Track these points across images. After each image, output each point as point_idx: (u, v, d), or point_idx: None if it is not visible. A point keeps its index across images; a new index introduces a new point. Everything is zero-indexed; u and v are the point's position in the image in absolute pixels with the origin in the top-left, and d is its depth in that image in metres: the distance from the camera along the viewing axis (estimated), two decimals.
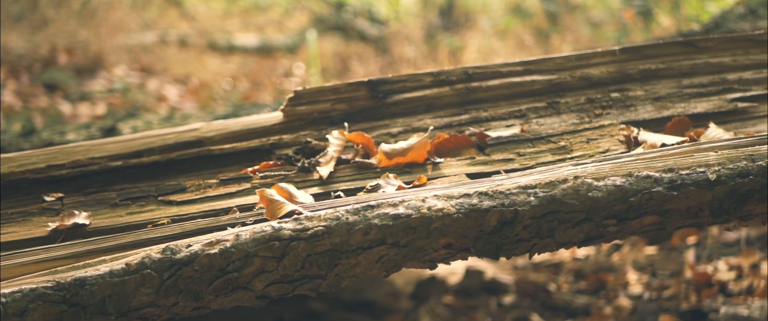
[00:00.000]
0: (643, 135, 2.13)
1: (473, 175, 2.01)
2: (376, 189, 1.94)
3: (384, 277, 1.81)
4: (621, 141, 2.14)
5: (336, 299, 3.87)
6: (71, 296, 1.61)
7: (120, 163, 2.15)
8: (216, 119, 3.15)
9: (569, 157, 2.08)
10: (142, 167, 2.16)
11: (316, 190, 2.00)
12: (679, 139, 2.09)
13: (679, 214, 1.81)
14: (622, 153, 2.02)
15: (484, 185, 1.77)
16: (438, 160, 2.09)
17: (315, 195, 1.96)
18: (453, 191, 1.75)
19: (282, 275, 1.68)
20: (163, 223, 1.91)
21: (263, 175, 2.08)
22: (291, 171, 2.09)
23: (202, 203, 1.99)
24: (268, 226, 1.67)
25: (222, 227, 1.80)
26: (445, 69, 2.31)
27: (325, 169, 2.05)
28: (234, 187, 2.04)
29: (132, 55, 7.84)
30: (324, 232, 1.67)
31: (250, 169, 2.11)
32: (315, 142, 2.18)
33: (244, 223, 1.81)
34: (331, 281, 1.74)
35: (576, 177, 1.76)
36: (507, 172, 1.99)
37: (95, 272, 1.63)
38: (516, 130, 2.19)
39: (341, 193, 1.95)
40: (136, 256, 1.65)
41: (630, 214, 1.78)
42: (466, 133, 2.20)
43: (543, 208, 1.73)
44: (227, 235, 1.68)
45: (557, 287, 4.06)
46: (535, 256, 4.37)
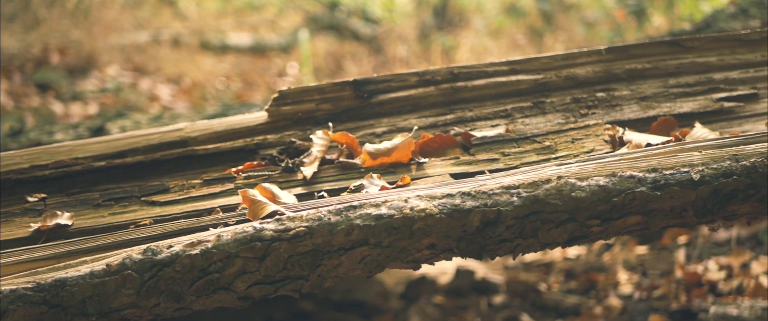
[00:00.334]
0: (629, 135, 2.13)
1: (457, 175, 2.00)
2: (359, 189, 1.94)
3: (367, 277, 1.81)
4: (606, 141, 2.14)
5: (326, 299, 3.87)
6: (52, 297, 1.60)
7: (104, 163, 2.15)
8: (205, 119, 3.14)
9: (554, 157, 2.08)
10: (125, 167, 2.15)
11: (299, 191, 1.99)
12: (665, 138, 2.08)
13: (664, 214, 1.80)
14: (606, 153, 2.02)
15: (467, 185, 1.77)
16: (422, 160, 2.08)
17: (298, 195, 1.95)
18: (436, 191, 1.74)
19: (264, 276, 1.68)
20: (146, 224, 1.90)
21: (247, 175, 2.07)
22: (275, 171, 2.08)
23: (185, 204, 1.99)
24: (249, 227, 1.67)
25: (204, 228, 1.79)
26: (431, 69, 2.31)
27: (309, 170, 2.05)
28: (217, 188, 2.03)
29: (125, 55, 7.83)
30: (306, 233, 1.67)
31: (234, 169, 2.11)
32: (299, 142, 2.17)
33: (226, 224, 1.80)
34: (314, 282, 1.73)
35: (559, 177, 1.75)
36: (491, 173, 1.99)
37: (76, 273, 1.62)
38: (501, 130, 2.19)
39: (325, 194, 1.94)
40: (116, 257, 1.64)
41: (614, 214, 1.77)
42: (451, 133, 2.20)
43: (526, 209, 1.73)
44: (209, 235, 1.67)
45: (548, 287, 4.06)
46: (527, 256, 4.38)
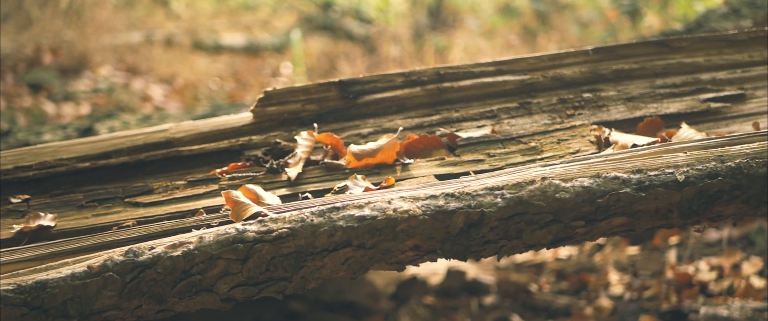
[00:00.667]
0: (615, 135, 2.12)
1: (442, 176, 1.99)
2: (343, 190, 1.93)
3: (351, 278, 1.80)
4: (592, 142, 2.13)
5: (316, 300, 3.86)
6: (32, 299, 1.59)
7: (88, 164, 2.14)
8: (194, 120, 3.14)
9: (539, 158, 2.07)
10: (110, 168, 2.14)
11: (284, 192, 1.98)
12: (651, 139, 2.07)
13: (649, 216, 1.80)
14: (591, 154, 2.01)
15: (451, 186, 1.76)
16: (407, 161, 2.07)
17: (283, 196, 1.94)
18: (420, 193, 1.73)
19: (247, 277, 1.67)
20: (129, 225, 1.89)
21: (231, 176, 2.06)
22: (260, 172, 2.07)
23: (168, 205, 1.98)
24: (232, 228, 1.66)
25: (187, 229, 1.78)
26: (417, 69, 2.30)
27: (294, 171, 2.04)
28: (202, 189, 2.02)
29: (117, 55, 7.81)
30: (288, 234, 1.66)
31: (218, 170, 2.10)
32: (284, 143, 2.16)
33: (209, 225, 1.79)
34: (297, 283, 1.73)
35: (543, 178, 1.74)
36: (476, 173, 1.98)
37: (57, 275, 1.61)
38: (487, 130, 2.18)
39: (309, 195, 1.94)
40: (98, 259, 1.64)
41: (598, 216, 1.76)
42: (436, 133, 2.19)
43: (510, 210, 1.72)
44: (191, 237, 1.66)
45: (538, 288, 4.06)
46: (518, 256, 4.38)
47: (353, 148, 2.07)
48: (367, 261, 1.73)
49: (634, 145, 2.03)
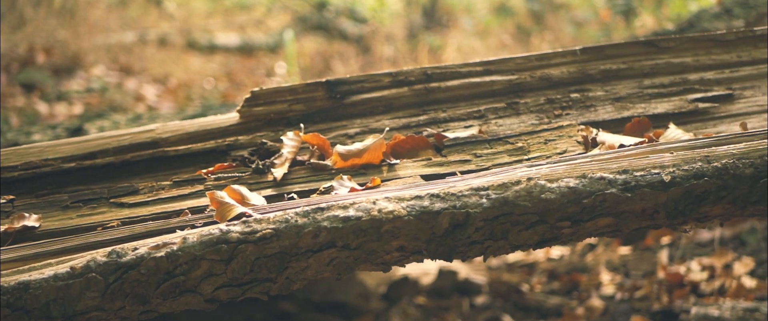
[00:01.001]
0: (602, 136, 2.11)
1: (428, 177, 1.99)
2: (329, 191, 1.92)
3: (336, 279, 1.80)
4: (579, 142, 2.12)
5: (307, 300, 3.85)
6: (15, 300, 1.58)
7: (73, 164, 2.13)
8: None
9: (526, 158, 2.06)
10: (95, 169, 2.13)
11: (269, 192, 1.98)
12: (638, 140, 2.07)
13: (635, 216, 1.79)
14: (578, 154, 2.01)
15: (436, 187, 1.75)
16: (394, 161, 2.07)
17: (268, 197, 1.94)
18: (405, 193, 1.73)
19: (231, 278, 1.66)
20: (113, 226, 1.88)
21: (217, 176, 2.05)
22: (245, 172, 2.06)
23: (154, 205, 1.97)
24: (215, 229, 1.65)
25: (172, 230, 1.77)
26: (404, 69, 2.29)
27: (280, 171, 2.03)
28: (187, 189, 2.02)
29: (111, 55, 7.80)
30: (272, 235, 1.65)
31: (204, 170, 2.09)
32: (271, 143, 2.16)
33: (193, 226, 1.79)
34: (282, 284, 1.72)
35: (529, 178, 1.74)
36: (463, 174, 1.97)
37: (40, 276, 1.60)
38: (474, 131, 2.17)
39: (295, 195, 1.93)
40: (81, 260, 1.63)
41: (584, 216, 1.76)
42: (423, 134, 2.18)
43: (495, 210, 1.71)
44: (174, 238, 1.66)
45: (530, 288, 4.05)
46: (510, 256, 4.37)
47: (339, 148, 2.06)
48: (353, 262, 1.72)
49: (621, 146, 2.02)
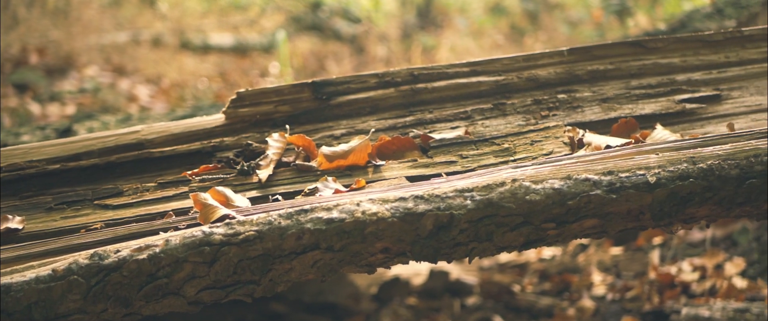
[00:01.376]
0: (589, 137, 2.11)
1: (414, 178, 1.98)
2: (314, 192, 1.91)
3: (321, 281, 1.79)
4: (566, 143, 2.12)
5: (297, 301, 3.84)
6: None
7: (58, 166, 2.12)
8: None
9: (512, 159, 2.06)
10: (80, 170, 2.12)
11: (254, 194, 1.97)
12: (625, 140, 2.06)
13: (620, 218, 1.79)
14: (563, 155, 2.00)
15: (421, 188, 1.75)
16: (379, 162, 2.06)
17: (253, 199, 1.93)
18: (389, 195, 1.72)
19: (214, 281, 1.65)
20: (97, 228, 1.87)
21: (202, 178, 2.04)
22: (230, 174, 2.05)
23: (138, 207, 1.96)
24: (198, 231, 1.64)
25: (155, 232, 1.77)
26: (390, 70, 2.29)
27: (265, 173, 2.02)
28: (172, 191, 2.01)
29: (104, 55, 7.78)
30: (256, 237, 1.64)
31: (189, 172, 2.08)
32: (256, 144, 2.15)
33: (177, 228, 1.78)
34: (266, 287, 1.71)
35: (514, 180, 1.73)
36: (448, 175, 1.97)
37: (21, 278, 1.59)
38: (460, 132, 2.17)
39: (279, 197, 1.92)
40: (63, 262, 1.62)
41: (569, 218, 1.75)
42: (409, 135, 2.18)
43: (480, 212, 1.71)
44: (157, 240, 1.65)
45: (521, 288, 4.05)
46: (501, 257, 4.36)
47: (325, 149, 2.06)
48: (337, 264, 1.72)
49: (607, 147, 2.02)
